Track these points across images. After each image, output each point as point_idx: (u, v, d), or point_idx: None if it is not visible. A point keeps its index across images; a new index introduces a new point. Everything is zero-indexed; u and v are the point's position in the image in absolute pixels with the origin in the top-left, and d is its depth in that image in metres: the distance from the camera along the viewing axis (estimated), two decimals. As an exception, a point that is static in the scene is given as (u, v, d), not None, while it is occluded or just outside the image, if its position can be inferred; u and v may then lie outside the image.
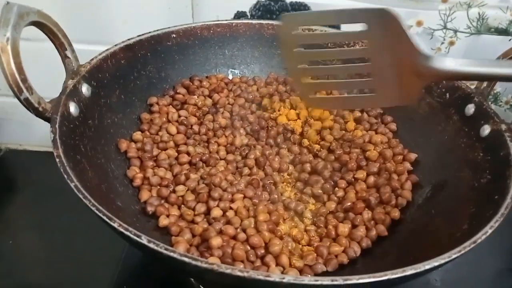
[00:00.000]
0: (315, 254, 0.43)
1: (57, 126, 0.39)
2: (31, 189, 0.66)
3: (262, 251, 0.42)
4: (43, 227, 0.60)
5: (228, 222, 0.44)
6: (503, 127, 0.45)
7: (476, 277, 0.56)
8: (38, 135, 0.70)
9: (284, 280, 0.29)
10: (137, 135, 0.52)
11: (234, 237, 0.43)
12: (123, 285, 0.51)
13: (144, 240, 0.31)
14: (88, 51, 0.49)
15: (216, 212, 0.45)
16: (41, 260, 0.56)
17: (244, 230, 0.43)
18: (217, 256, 0.40)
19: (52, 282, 0.54)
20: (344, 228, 0.46)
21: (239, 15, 0.65)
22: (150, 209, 0.45)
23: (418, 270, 0.31)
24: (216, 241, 0.41)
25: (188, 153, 0.52)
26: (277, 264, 0.41)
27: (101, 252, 0.55)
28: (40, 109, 0.40)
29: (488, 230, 0.35)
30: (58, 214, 0.60)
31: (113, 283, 0.52)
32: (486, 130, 0.47)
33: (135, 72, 0.53)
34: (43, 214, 0.61)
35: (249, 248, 0.42)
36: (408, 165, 0.52)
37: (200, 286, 0.48)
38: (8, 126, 0.70)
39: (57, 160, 0.36)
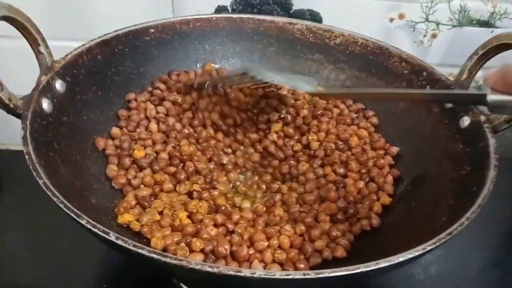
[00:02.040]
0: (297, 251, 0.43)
1: (27, 122, 0.39)
2: (14, 188, 0.65)
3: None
4: (27, 226, 0.59)
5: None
6: (483, 118, 0.45)
7: (460, 270, 0.56)
8: (20, 134, 0.69)
9: (255, 275, 0.29)
10: (115, 130, 0.51)
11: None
12: (103, 284, 0.50)
13: (112, 237, 0.30)
14: (65, 47, 0.48)
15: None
16: (25, 259, 0.56)
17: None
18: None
19: (35, 281, 0.53)
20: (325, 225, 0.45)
21: (220, 9, 0.64)
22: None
23: (392, 263, 0.31)
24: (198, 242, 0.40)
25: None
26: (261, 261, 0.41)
27: (85, 251, 0.54)
28: (11, 105, 0.39)
29: (464, 221, 0.35)
30: (42, 214, 0.58)
31: (93, 282, 0.51)
32: (465, 121, 0.47)
33: (113, 68, 0.53)
34: (27, 214, 0.60)
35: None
36: (390, 159, 0.52)
37: (181, 284, 0.48)
38: (-12, 125, 0.70)
39: (27, 157, 0.36)
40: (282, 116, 0.56)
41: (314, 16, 0.63)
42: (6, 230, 0.60)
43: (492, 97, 0.37)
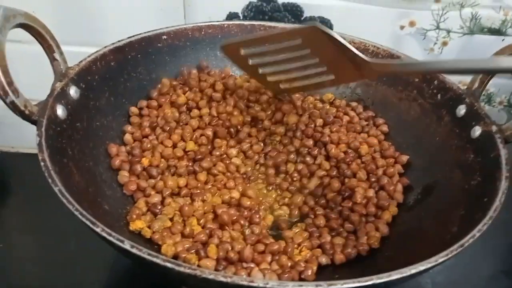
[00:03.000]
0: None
1: (43, 129, 0.39)
2: (23, 192, 0.65)
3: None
4: (36, 229, 0.60)
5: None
6: (494, 128, 0.45)
7: (468, 280, 0.55)
8: (30, 138, 0.68)
9: (268, 286, 0.29)
10: (128, 137, 0.51)
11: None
12: (112, 288, 0.51)
13: (127, 245, 0.30)
14: (79, 53, 0.48)
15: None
16: (33, 262, 0.56)
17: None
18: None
19: (43, 284, 0.53)
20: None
21: (231, 16, 0.64)
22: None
23: (404, 275, 0.31)
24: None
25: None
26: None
27: (93, 254, 0.54)
28: (27, 112, 0.40)
29: (475, 233, 0.35)
30: (51, 217, 0.59)
31: (103, 285, 0.51)
32: (477, 131, 0.47)
33: (125, 74, 0.53)
34: (36, 217, 0.61)
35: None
36: (399, 168, 0.52)
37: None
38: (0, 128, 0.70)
39: (42, 164, 0.36)
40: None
41: (325, 24, 0.63)
42: (14, 232, 0.60)
43: None
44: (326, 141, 0.54)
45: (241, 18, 0.64)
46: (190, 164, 0.51)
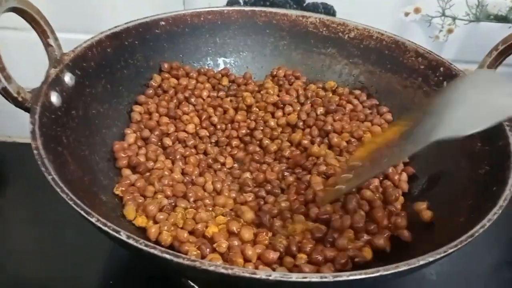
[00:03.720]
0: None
1: (36, 116, 0.38)
2: (20, 182, 0.64)
3: None
4: (34, 220, 0.59)
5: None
6: (502, 116, 0.44)
7: (473, 270, 0.55)
8: (27, 127, 0.68)
9: (271, 277, 0.28)
10: (130, 138, 0.50)
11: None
12: (109, 280, 0.50)
13: (123, 236, 0.29)
14: (75, 40, 0.47)
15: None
16: (31, 253, 0.55)
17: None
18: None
19: (42, 275, 0.52)
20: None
21: (232, 2, 0.63)
22: None
23: (412, 266, 0.30)
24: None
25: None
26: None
27: (92, 246, 0.53)
28: (20, 99, 0.39)
29: (486, 223, 0.34)
30: (49, 207, 0.58)
31: (100, 277, 0.50)
32: (484, 119, 0.45)
33: (122, 61, 0.52)
34: (33, 208, 0.60)
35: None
36: (404, 156, 0.51)
37: (189, 282, 0.47)
38: (-4, 118, 0.69)
39: (35, 152, 0.35)
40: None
41: (328, 10, 0.62)
42: (12, 223, 0.59)
43: None
44: (329, 130, 0.53)
45: (242, 4, 0.63)
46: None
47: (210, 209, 0.44)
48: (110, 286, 0.50)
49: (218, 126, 0.55)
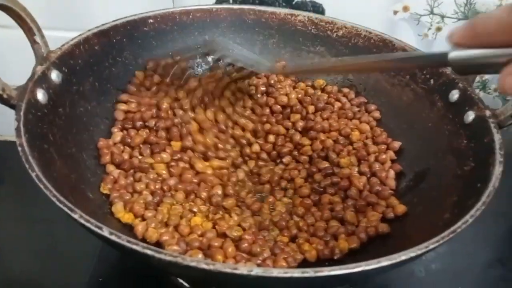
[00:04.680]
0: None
1: (21, 113, 0.38)
2: (11, 180, 0.64)
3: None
4: (24, 218, 0.59)
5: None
6: (488, 113, 0.44)
7: (462, 267, 0.55)
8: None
9: (252, 273, 0.28)
10: (117, 136, 0.50)
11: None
12: (99, 278, 0.50)
13: (105, 232, 0.29)
14: (64, 38, 0.47)
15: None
16: (21, 252, 0.55)
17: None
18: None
19: (31, 273, 0.52)
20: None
21: (221, 0, 0.63)
22: None
23: (394, 261, 0.30)
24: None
25: None
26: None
27: (82, 244, 0.53)
28: (5, 96, 0.38)
29: (468, 219, 0.34)
30: (39, 206, 0.58)
31: (90, 275, 0.50)
32: (470, 116, 0.46)
33: (110, 59, 0.51)
34: (24, 206, 0.60)
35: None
36: (391, 154, 0.51)
37: (178, 279, 0.47)
38: (-15, 116, 0.69)
39: (19, 148, 0.35)
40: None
41: (317, 8, 0.62)
42: (2, 221, 0.59)
43: (455, 53, 0.31)
44: (317, 128, 0.53)
45: (231, 2, 0.63)
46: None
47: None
48: (100, 284, 0.50)
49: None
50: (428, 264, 0.53)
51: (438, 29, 0.63)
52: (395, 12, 0.62)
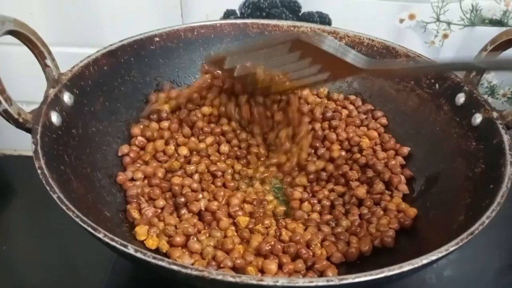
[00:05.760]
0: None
1: (38, 137, 0.38)
2: (25, 194, 0.65)
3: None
4: (38, 232, 0.60)
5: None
6: (495, 114, 0.45)
7: (473, 274, 0.54)
8: (30, 148, 0.69)
9: (278, 284, 0.28)
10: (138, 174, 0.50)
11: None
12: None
13: (130, 249, 0.30)
14: (77, 54, 0.48)
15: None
16: (35, 264, 0.56)
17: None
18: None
19: (45, 286, 0.53)
20: None
21: (229, 13, 0.64)
22: None
23: (416, 266, 0.31)
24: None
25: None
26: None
27: (95, 256, 0.54)
28: (20, 120, 0.39)
29: (485, 220, 0.35)
30: (53, 219, 0.59)
31: (104, 286, 0.51)
32: (477, 118, 0.46)
33: (119, 78, 0.52)
34: (38, 219, 0.60)
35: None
36: (401, 159, 0.52)
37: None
38: (2, 131, 0.69)
39: (39, 171, 0.35)
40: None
41: (323, 19, 0.63)
42: (16, 234, 0.60)
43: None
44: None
45: (239, 15, 0.63)
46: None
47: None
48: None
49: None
50: (439, 272, 0.53)
51: (445, 36, 0.63)
52: (401, 21, 0.62)
